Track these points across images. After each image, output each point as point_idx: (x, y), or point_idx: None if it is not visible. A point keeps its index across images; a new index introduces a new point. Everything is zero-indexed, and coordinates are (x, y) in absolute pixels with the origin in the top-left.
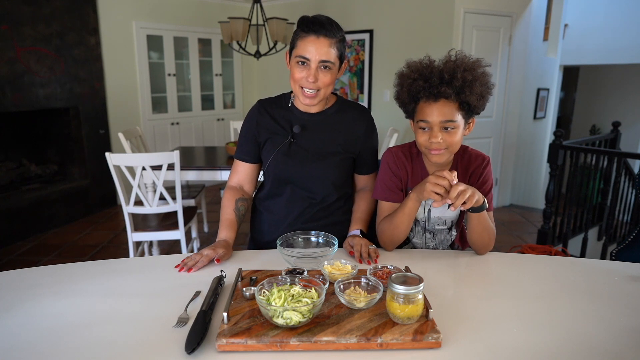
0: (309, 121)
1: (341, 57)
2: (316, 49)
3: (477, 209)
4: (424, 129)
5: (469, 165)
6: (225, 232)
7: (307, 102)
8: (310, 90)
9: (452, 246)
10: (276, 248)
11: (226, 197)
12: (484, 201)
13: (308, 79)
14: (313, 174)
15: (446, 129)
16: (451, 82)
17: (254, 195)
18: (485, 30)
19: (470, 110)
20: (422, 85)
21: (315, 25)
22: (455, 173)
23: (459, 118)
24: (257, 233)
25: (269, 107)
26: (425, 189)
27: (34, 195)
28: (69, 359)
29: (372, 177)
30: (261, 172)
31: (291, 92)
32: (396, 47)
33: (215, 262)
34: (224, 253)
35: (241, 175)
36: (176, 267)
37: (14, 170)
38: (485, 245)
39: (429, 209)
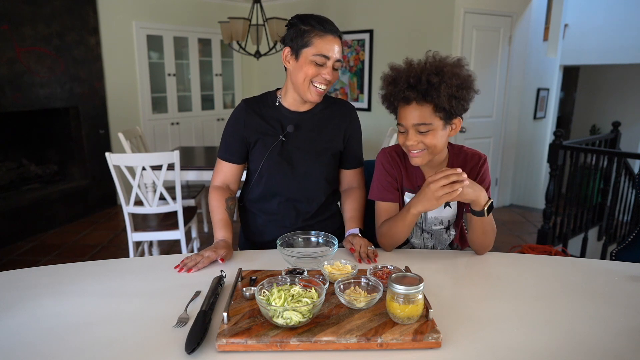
0: (299, 120)
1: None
2: (336, 48)
3: (478, 213)
4: (402, 132)
5: (465, 165)
6: (223, 232)
7: (316, 98)
8: (323, 87)
9: (451, 245)
10: (276, 247)
11: (214, 197)
12: (489, 205)
13: (325, 76)
14: (308, 172)
15: (421, 131)
16: (415, 86)
17: (244, 197)
18: (485, 30)
19: (447, 111)
20: (392, 90)
21: (330, 25)
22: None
23: (436, 120)
24: (254, 234)
25: (256, 106)
26: (438, 197)
27: (34, 195)
28: (69, 359)
29: (357, 173)
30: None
31: (276, 90)
32: (396, 47)
33: (220, 261)
34: (226, 253)
35: (227, 175)
36: (175, 267)
37: (14, 170)
38: (486, 245)
39: None
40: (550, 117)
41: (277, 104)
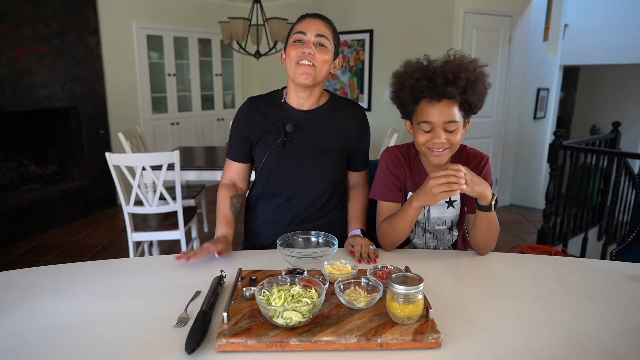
0: (303, 118)
1: (336, 47)
2: (312, 25)
3: (485, 208)
4: (427, 130)
5: (467, 165)
6: (224, 229)
7: (303, 78)
8: (308, 62)
9: (454, 246)
10: (274, 249)
11: (221, 194)
12: (495, 200)
13: (304, 50)
14: (309, 172)
15: (449, 130)
16: (455, 82)
17: (249, 196)
18: (485, 30)
19: (469, 110)
20: (426, 85)
21: (311, 14)
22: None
23: (459, 118)
24: (252, 235)
25: (260, 104)
26: (435, 193)
27: (34, 195)
28: (69, 359)
29: (364, 174)
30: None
31: (283, 88)
32: (396, 47)
33: (217, 255)
34: (224, 247)
35: (234, 174)
36: (176, 257)
37: (14, 170)
38: (489, 245)
39: (429, 209)
40: (550, 117)
41: (282, 101)
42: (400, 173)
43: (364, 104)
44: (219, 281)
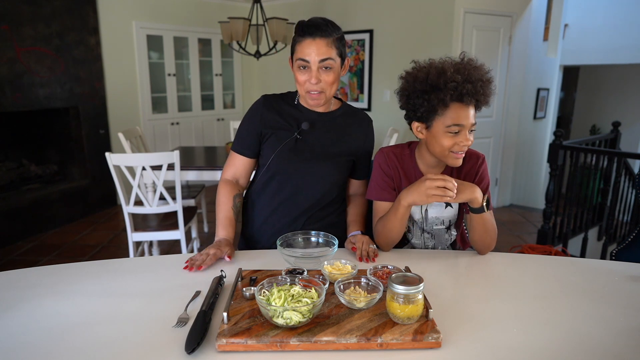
0: (317, 119)
1: (342, 56)
2: (314, 50)
3: (477, 210)
4: (455, 132)
5: (464, 165)
6: (225, 231)
7: (314, 103)
8: (315, 91)
9: (453, 246)
10: (274, 249)
11: (223, 192)
12: (487, 202)
13: (311, 81)
14: (317, 172)
15: (472, 130)
16: (488, 86)
17: (247, 195)
18: (485, 30)
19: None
20: (470, 88)
21: (311, 28)
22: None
23: None
24: (251, 235)
25: (275, 102)
26: (428, 195)
27: (34, 195)
28: (69, 359)
29: (363, 183)
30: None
31: (296, 90)
32: (396, 47)
33: (227, 258)
34: (230, 251)
35: (238, 169)
36: (185, 267)
37: (14, 170)
38: (488, 244)
39: (426, 209)
40: (550, 117)
41: (295, 102)
42: (393, 174)
43: (364, 104)
44: (219, 281)
